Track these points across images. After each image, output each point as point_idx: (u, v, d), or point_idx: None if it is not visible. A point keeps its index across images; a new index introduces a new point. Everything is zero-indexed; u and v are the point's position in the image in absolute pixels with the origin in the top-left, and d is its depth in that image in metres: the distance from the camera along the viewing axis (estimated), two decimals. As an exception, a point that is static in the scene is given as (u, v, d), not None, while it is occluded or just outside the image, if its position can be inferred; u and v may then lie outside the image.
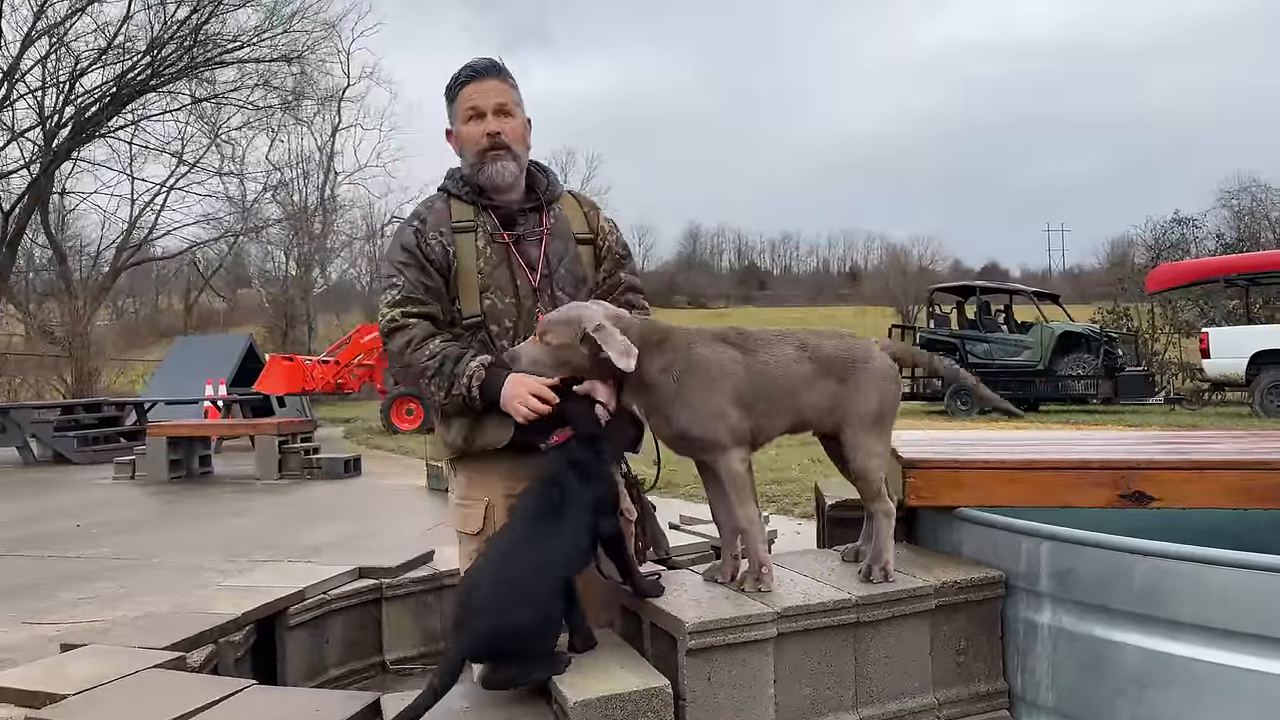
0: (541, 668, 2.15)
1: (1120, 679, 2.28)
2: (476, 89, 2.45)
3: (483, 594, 2.11)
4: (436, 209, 2.50)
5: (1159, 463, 2.65)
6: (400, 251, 2.44)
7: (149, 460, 10.58)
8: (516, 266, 2.47)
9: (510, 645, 2.12)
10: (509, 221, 2.51)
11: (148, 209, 28.77)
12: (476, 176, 2.48)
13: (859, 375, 2.42)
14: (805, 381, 2.36)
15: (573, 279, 2.56)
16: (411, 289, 2.40)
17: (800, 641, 2.32)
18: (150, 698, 2.36)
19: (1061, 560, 2.41)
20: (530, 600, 2.10)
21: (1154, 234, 28.96)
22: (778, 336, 2.43)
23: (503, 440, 2.41)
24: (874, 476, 2.45)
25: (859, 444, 2.43)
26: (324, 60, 29.14)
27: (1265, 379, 14.71)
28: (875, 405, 2.42)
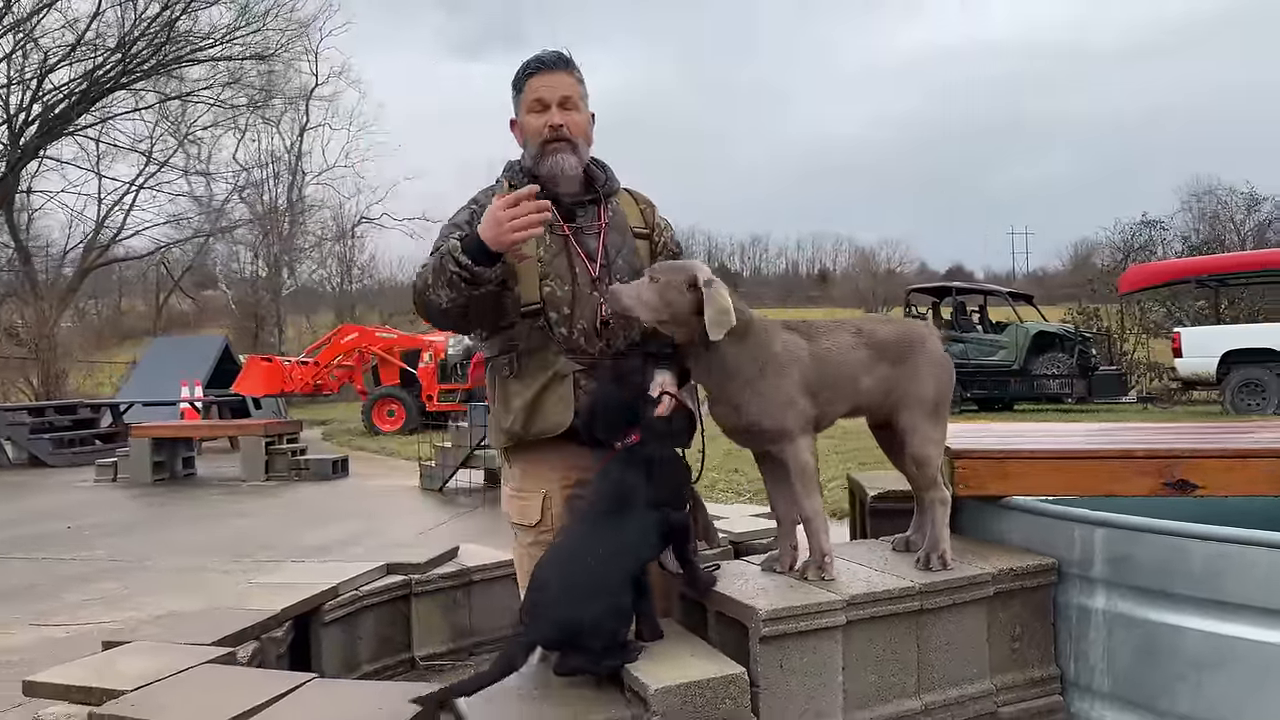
0: (614, 656, 2.16)
1: (1181, 663, 2.32)
2: (543, 81, 2.45)
3: (557, 583, 2.12)
4: (496, 196, 2.50)
5: (1202, 451, 2.70)
6: (450, 227, 2.44)
7: (132, 462, 10.42)
8: (575, 256, 2.47)
9: (582, 635, 2.12)
10: (568, 213, 2.51)
11: (116, 208, 28.31)
12: (537, 168, 2.48)
13: (915, 359, 2.46)
14: (864, 367, 2.40)
15: (630, 270, 2.56)
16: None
17: (866, 629, 2.34)
18: (213, 692, 2.34)
19: (1117, 546, 2.45)
20: (603, 591, 2.11)
21: (1122, 236, 29.40)
22: (835, 325, 2.47)
23: (563, 424, 2.40)
24: (932, 462, 2.49)
25: (916, 428, 2.46)
26: (293, 60, 28.87)
27: (1235, 378, 14.98)
28: (931, 390, 2.47)
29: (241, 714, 2.17)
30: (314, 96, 33.56)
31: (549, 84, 2.45)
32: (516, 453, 2.54)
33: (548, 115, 2.44)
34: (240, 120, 30.03)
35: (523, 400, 2.42)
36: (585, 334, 2.44)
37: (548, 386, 2.41)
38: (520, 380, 2.44)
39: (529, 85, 2.46)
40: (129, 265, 35.69)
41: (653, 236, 2.66)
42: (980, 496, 2.83)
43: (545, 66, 2.46)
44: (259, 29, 24.60)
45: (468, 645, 3.86)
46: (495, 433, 2.56)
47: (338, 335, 17.32)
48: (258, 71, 27.09)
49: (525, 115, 2.47)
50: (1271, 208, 27.99)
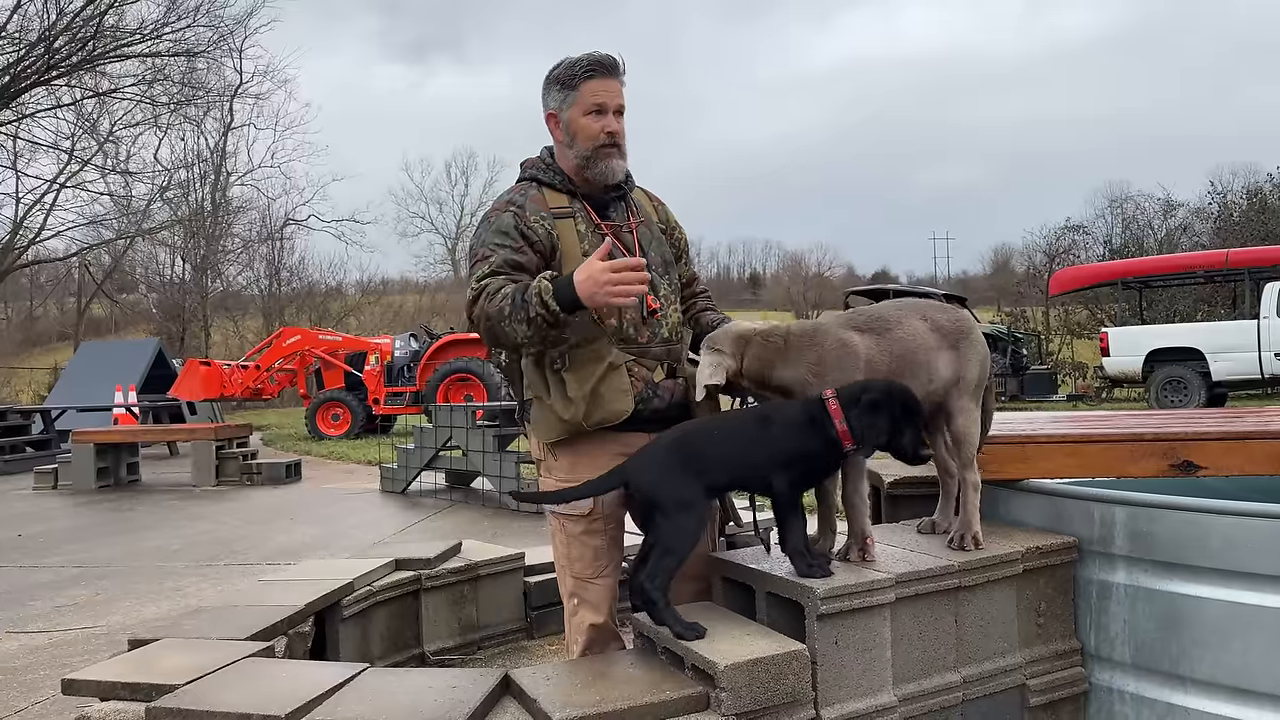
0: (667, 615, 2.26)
1: (1202, 630, 2.47)
2: (604, 86, 2.49)
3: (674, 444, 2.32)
4: (532, 195, 2.54)
5: (1205, 434, 2.86)
6: (495, 234, 2.46)
7: (74, 469, 10.10)
8: (617, 250, 2.53)
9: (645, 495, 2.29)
10: (602, 210, 2.59)
11: (36, 208, 27.26)
12: (587, 168, 2.53)
13: (966, 344, 2.57)
14: (934, 352, 2.51)
15: (662, 262, 2.67)
16: (500, 265, 2.42)
17: (911, 606, 2.44)
18: (270, 683, 2.33)
19: (1138, 523, 2.59)
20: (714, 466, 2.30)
21: (1046, 240, 30.38)
22: (901, 311, 2.58)
23: (625, 411, 2.46)
24: (972, 441, 2.60)
25: (964, 409, 2.58)
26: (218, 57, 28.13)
27: (1159, 376, 15.61)
28: (977, 373, 2.58)
29: (312, 699, 2.17)
30: (239, 95, 32.79)
31: (609, 90, 2.49)
32: (565, 444, 2.58)
33: (605, 120, 2.49)
34: (162, 119, 29.20)
35: (581, 391, 2.46)
36: (634, 324, 2.51)
37: (604, 377, 2.46)
38: (574, 372, 2.48)
39: (587, 87, 2.49)
40: (41, 269, 34.42)
41: (673, 234, 2.78)
42: (999, 480, 2.95)
43: (605, 72, 2.49)
44: (191, 25, 23.99)
45: (476, 639, 3.88)
46: (548, 425, 2.55)
47: (279, 338, 16.97)
48: (180, 70, 26.40)
49: (580, 116, 2.50)
50: (1186, 213, 29.19)
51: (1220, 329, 15.72)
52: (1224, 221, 26.90)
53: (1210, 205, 28.11)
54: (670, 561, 2.27)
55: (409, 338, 17.06)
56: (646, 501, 2.32)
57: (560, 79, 2.52)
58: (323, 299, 39.83)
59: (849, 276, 62.85)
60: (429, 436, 8.38)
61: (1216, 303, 22.53)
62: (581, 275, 2.25)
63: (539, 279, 2.30)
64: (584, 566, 2.60)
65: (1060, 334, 26.42)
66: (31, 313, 46.93)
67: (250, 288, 39.32)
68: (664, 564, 2.27)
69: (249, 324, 37.88)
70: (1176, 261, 18.43)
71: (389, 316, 40.25)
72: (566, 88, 2.51)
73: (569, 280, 2.26)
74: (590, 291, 2.23)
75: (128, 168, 28.03)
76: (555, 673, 2.33)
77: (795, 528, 2.38)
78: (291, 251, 39.97)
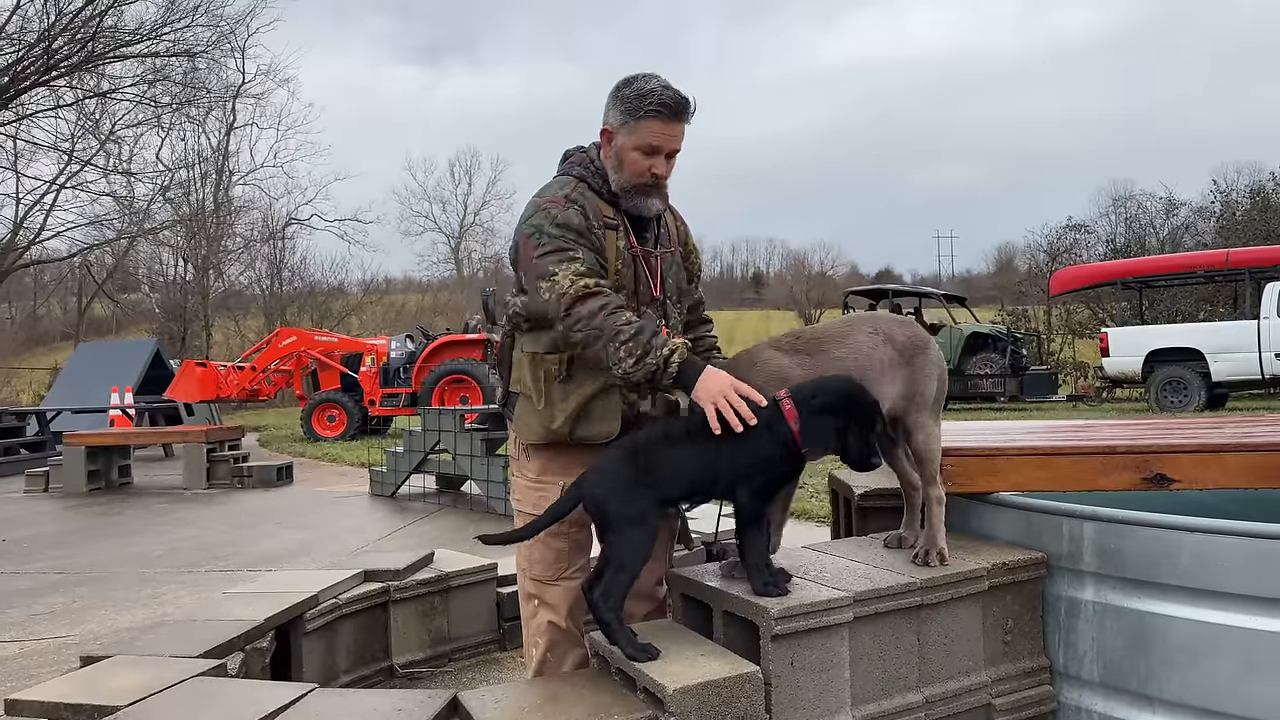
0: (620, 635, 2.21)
1: (1170, 650, 2.41)
2: (665, 129, 2.41)
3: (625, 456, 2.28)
4: (590, 199, 2.47)
5: (1178, 446, 2.80)
6: (567, 229, 2.39)
7: (66, 471, 10.07)
8: (643, 274, 2.53)
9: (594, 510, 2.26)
10: (641, 229, 2.56)
11: (36, 208, 27.25)
12: (624, 200, 2.49)
13: (923, 359, 2.52)
14: (884, 368, 2.46)
15: (676, 290, 2.67)
16: (593, 264, 2.39)
17: (870, 624, 2.38)
18: (213, 705, 2.28)
19: (1107, 539, 2.53)
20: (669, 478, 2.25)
21: (1048, 238, 30.26)
22: (849, 327, 2.52)
23: (611, 433, 2.45)
24: (935, 458, 2.55)
25: (923, 425, 2.53)
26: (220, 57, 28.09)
27: (1159, 376, 15.52)
28: (935, 389, 2.53)
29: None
30: (241, 95, 32.78)
31: (668, 134, 2.42)
32: (541, 448, 2.57)
33: (654, 161, 2.44)
34: (164, 119, 29.19)
35: (572, 405, 2.44)
36: None
37: (597, 396, 2.45)
38: (570, 383, 2.46)
39: (647, 126, 2.40)
40: (45, 268, 34.45)
41: (690, 258, 2.76)
42: (968, 493, 2.90)
43: (671, 115, 2.41)
44: (190, 24, 23.96)
45: (446, 651, 3.83)
46: (530, 427, 2.55)
47: (275, 339, 16.92)
48: (182, 69, 26.39)
49: (631, 150, 2.43)
50: (1189, 212, 29.06)
51: (1220, 329, 15.61)
52: (1227, 220, 26.78)
53: (1213, 204, 27.99)
54: (623, 578, 2.23)
55: (405, 339, 17.00)
56: (597, 517, 2.28)
57: (627, 104, 2.42)
58: (325, 298, 39.82)
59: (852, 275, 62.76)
60: (418, 440, 8.33)
61: (1218, 302, 22.42)
62: (714, 379, 2.26)
63: (682, 342, 2.32)
64: (545, 569, 2.59)
65: (1062, 333, 26.31)
66: (35, 312, 46.99)
67: (252, 287, 39.35)
68: (617, 581, 2.22)
69: (250, 323, 37.88)
70: (1176, 261, 18.33)
71: (391, 316, 40.25)
72: (629, 115, 2.42)
73: (701, 368, 2.28)
74: (708, 394, 2.24)
75: (129, 168, 28.01)
76: (504, 695, 2.28)
77: (755, 542, 2.33)
78: (293, 251, 40.00)
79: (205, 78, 28.38)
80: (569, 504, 2.30)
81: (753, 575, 2.32)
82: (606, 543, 2.27)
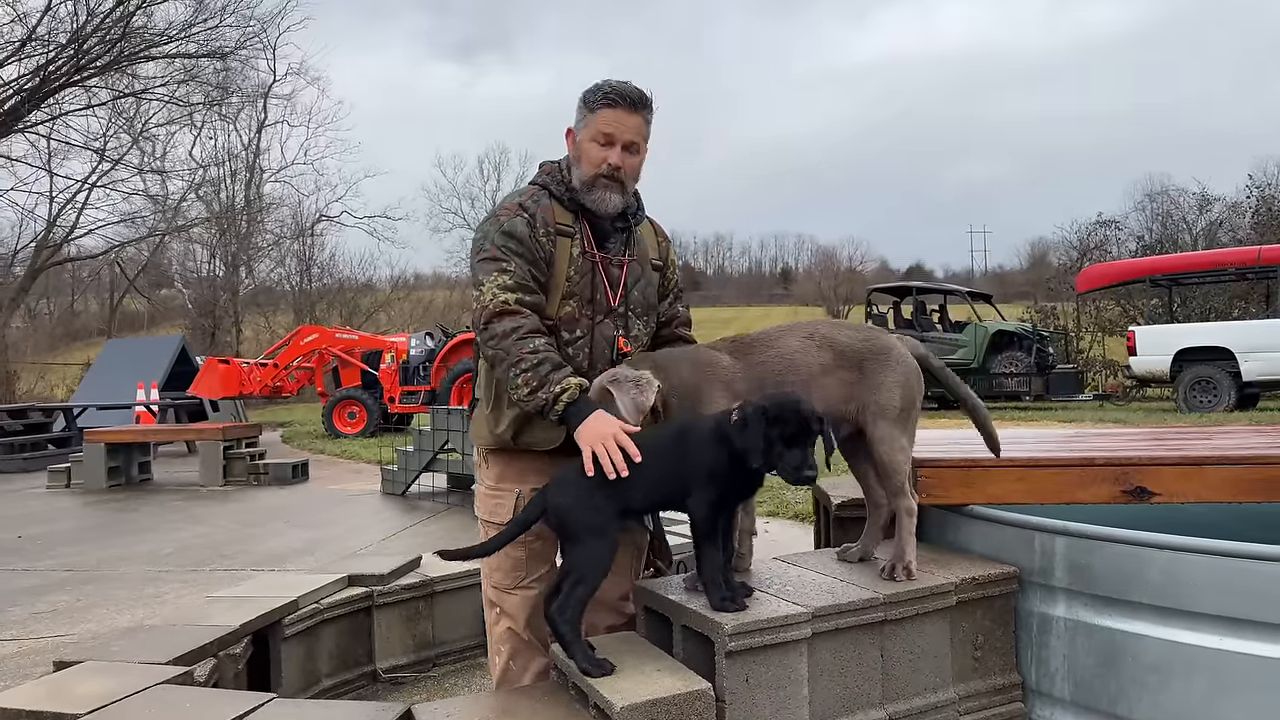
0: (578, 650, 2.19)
1: (1140, 669, 2.35)
2: (617, 118, 2.43)
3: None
4: (544, 206, 2.48)
5: (1159, 459, 2.74)
6: (509, 238, 2.40)
7: (86, 468, 10.21)
8: (600, 282, 2.50)
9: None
10: (602, 237, 2.54)
11: (68, 206, 27.68)
12: (582, 195, 2.48)
13: (877, 365, 2.47)
14: (817, 373, 2.43)
15: (644, 304, 2.62)
16: (523, 277, 2.39)
17: (831, 640, 2.35)
18: (171, 715, 2.29)
19: (1077, 555, 2.48)
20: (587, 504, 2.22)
21: (1078, 235, 29.82)
22: (782, 331, 2.52)
23: (555, 441, 2.44)
24: (900, 470, 2.50)
25: (884, 436, 2.48)
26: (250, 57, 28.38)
27: (1188, 376, 15.25)
28: (899, 398, 2.48)
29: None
30: (271, 94, 33.08)
31: (621, 123, 2.43)
32: (497, 453, 2.58)
33: (609, 152, 2.44)
34: (196, 117, 29.54)
35: (517, 410, 2.44)
36: (596, 360, 2.49)
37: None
38: None
39: (600, 116, 2.43)
40: (83, 264, 34.96)
41: (667, 272, 2.72)
42: (944, 505, 2.85)
43: (624, 104, 2.43)
44: (218, 25, 24.21)
45: (431, 656, 3.83)
46: (482, 433, 2.57)
47: (297, 336, 17.07)
48: (214, 69, 26.67)
49: (587, 142, 2.45)
50: (1222, 208, 28.52)
51: (1251, 328, 15.31)
52: (1263, 216, 26.24)
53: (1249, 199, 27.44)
54: (581, 592, 2.20)
55: (425, 336, 17.09)
56: (559, 526, 2.26)
57: (584, 98, 2.47)
58: (354, 295, 40.09)
59: (882, 271, 62.37)
60: (427, 439, 8.36)
61: (1252, 300, 21.97)
62: (594, 425, 2.23)
63: (576, 384, 2.29)
64: (503, 576, 2.59)
65: (1091, 331, 25.92)
66: (72, 307, 47.72)
67: (282, 284, 39.68)
68: (575, 594, 2.20)
69: (280, 320, 38.24)
70: (1206, 259, 17.98)
71: (419, 312, 40.41)
72: (586, 108, 2.46)
73: (584, 412, 2.26)
74: (588, 439, 2.23)
75: (162, 166, 28.37)
76: (457, 708, 2.27)
77: (711, 556, 2.30)
78: (322, 248, 40.30)
79: (236, 77, 28.67)
80: (534, 513, 2.28)
81: (709, 590, 2.29)
82: (567, 554, 2.26)
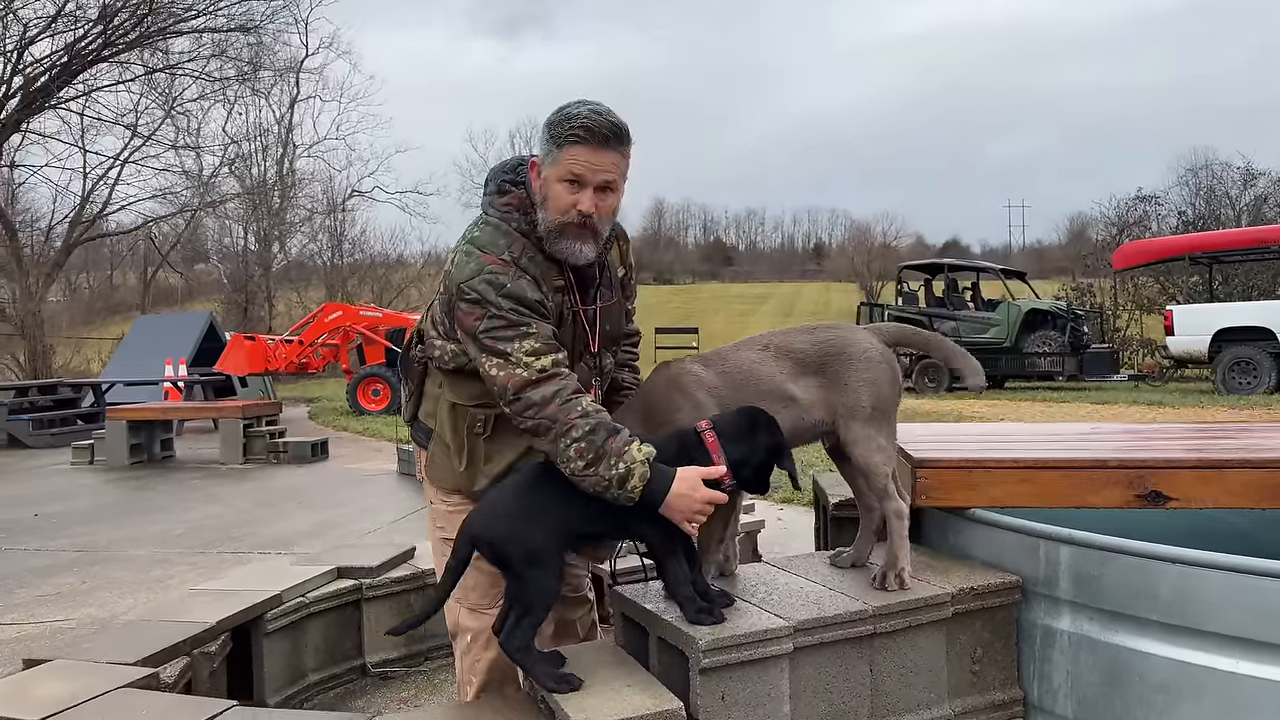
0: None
1: (1148, 689, 2.20)
2: (589, 156, 2.10)
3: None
4: (541, 264, 2.19)
5: (1176, 461, 2.57)
6: (521, 304, 2.12)
7: (108, 445, 10.27)
8: (581, 330, 2.30)
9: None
10: (585, 284, 2.31)
11: (101, 182, 27.93)
12: (549, 243, 2.19)
13: (839, 367, 2.33)
14: (780, 381, 2.30)
15: (611, 339, 2.43)
16: (548, 336, 2.13)
17: (815, 655, 2.21)
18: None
19: (1084, 566, 2.32)
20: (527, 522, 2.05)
21: (1117, 211, 29.18)
22: (737, 344, 2.42)
23: None
24: (879, 471, 2.35)
25: (857, 438, 2.34)
26: (281, 30, 28.39)
27: (1227, 356, 14.88)
28: (866, 396, 2.33)
29: (146, 751, 2.05)
30: (303, 69, 33.11)
31: (592, 163, 2.11)
32: (453, 492, 2.41)
33: (580, 196, 2.12)
34: (229, 92, 29.65)
35: (497, 467, 2.29)
36: None
37: (524, 456, 2.28)
38: (494, 443, 2.30)
39: (570, 152, 2.10)
40: (119, 240, 35.33)
41: (627, 277, 2.49)
42: (945, 508, 2.70)
43: (595, 140, 2.10)
44: None
45: (423, 650, 3.74)
46: (446, 480, 2.39)
47: (321, 313, 17.11)
48: (246, 43, 26.70)
49: (555, 183, 2.13)
50: (1268, 183, 27.75)
51: (1293, 307, 14.89)
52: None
53: (1295, 173, 26.69)
54: (529, 622, 2.05)
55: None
56: (494, 558, 2.09)
57: (550, 129, 2.14)
58: (385, 271, 40.23)
59: (917, 246, 61.64)
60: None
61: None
62: (681, 499, 2.04)
63: (633, 458, 2.02)
64: (480, 595, 2.41)
65: (1128, 309, 25.40)
66: (110, 282, 48.37)
67: (314, 259, 39.90)
68: (524, 624, 2.05)
69: (312, 295, 38.47)
70: (1247, 236, 17.49)
71: (450, 288, 40.39)
72: (552, 142, 2.13)
73: (662, 486, 2.04)
74: (682, 516, 2.06)
75: (196, 142, 28.53)
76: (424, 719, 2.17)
77: (677, 572, 2.17)
78: (354, 224, 40.44)
79: (267, 51, 28.67)
80: (465, 551, 2.08)
81: (683, 604, 2.16)
82: (508, 586, 2.10)
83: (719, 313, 45.97)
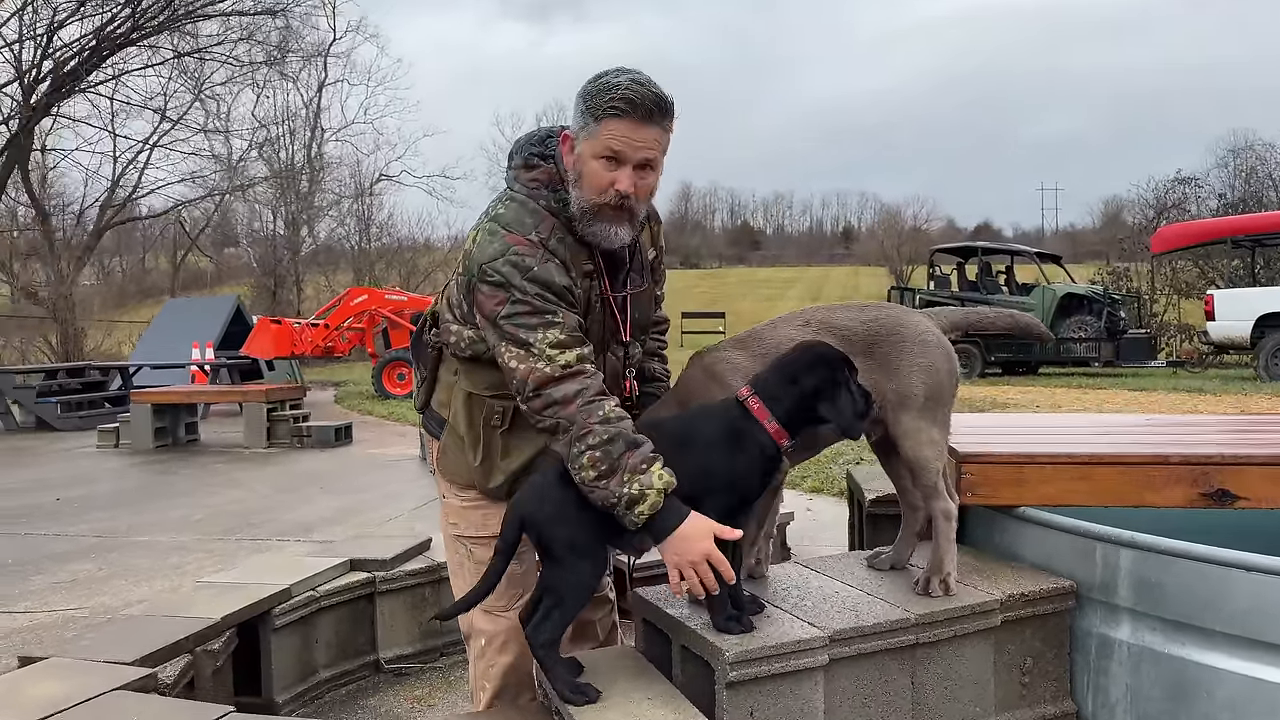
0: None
1: (1215, 706, 2.02)
2: (629, 131, 1.92)
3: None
4: (570, 246, 2.04)
5: (1245, 457, 2.37)
6: (549, 290, 1.97)
7: (133, 428, 10.24)
8: (610, 317, 2.15)
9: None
10: (616, 268, 2.15)
11: (130, 166, 28.08)
12: (583, 225, 2.03)
13: (890, 351, 2.14)
14: None
15: (640, 327, 2.26)
16: (574, 328, 1.99)
17: (852, 666, 2.05)
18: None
19: (1146, 571, 2.14)
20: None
21: (1155, 194, 28.55)
22: (775, 320, 2.25)
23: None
24: (930, 466, 2.17)
25: (908, 430, 2.15)
26: (309, 14, 28.32)
27: (1270, 342, 14.45)
28: (920, 384, 2.14)
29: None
30: (331, 52, 33.08)
31: (633, 139, 1.93)
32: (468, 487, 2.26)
33: (618, 174, 1.95)
34: (258, 76, 29.65)
35: (515, 463, 2.14)
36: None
37: (536, 458, 2.14)
38: (513, 437, 2.15)
39: (608, 126, 1.93)
40: (150, 223, 35.56)
41: (657, 259, 2.33)
42: (992, 506, 2.51)
43: (636, 114, 1.92)
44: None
45: (438, 645, 3.61)
46: (460, 473, 2.24)
47: (347, 297, 17.04)
48: (274, 27, 26.68)
49: (591, 160, 1.96)
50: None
51: (1340, 293, 14.44)
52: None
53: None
54: (560, 615, 1.93)
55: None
56: (537, 543, 1.97)
57: (588, 101, 1.96)
58: (412, 255, 40.24)
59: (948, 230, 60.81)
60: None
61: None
62: (684, 542, 1.87)
63: (648, 483, 1.86)
64: (496, 597, 2.24)
65: (1166, 294, 24.85)
66: (143, 264, 48.74)
67: (342, 243, 39.98)
68: (553, 617, 1.92)
69: (340, 279, 38.53)
70: (1292, 218, 16.99)
71: (477, 272, 40.34)
72: (589, 115, 1.95)
73: (670, 523, 1.87)
74: (676, 560, 1.88)
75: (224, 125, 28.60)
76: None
77: None
78: (381, 207, 40.46)
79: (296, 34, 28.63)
80: (513, 534, 1.95)
81: (712, 607, 2.00)
82: (544, 571, 1.97)
83: (746, 297, 45.59)
